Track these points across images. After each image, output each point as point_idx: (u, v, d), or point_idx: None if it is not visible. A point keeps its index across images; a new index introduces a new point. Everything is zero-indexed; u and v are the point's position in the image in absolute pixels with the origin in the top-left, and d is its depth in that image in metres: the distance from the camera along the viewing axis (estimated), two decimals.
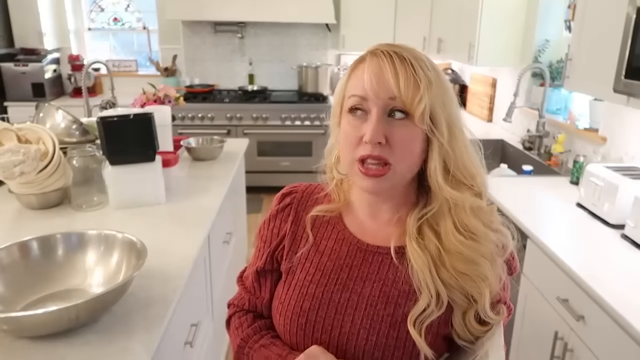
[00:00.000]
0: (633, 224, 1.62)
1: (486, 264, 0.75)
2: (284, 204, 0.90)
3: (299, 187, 0.92)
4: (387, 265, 0.80)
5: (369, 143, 0.72)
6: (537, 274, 1.75)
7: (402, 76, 0.71)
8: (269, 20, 4.37)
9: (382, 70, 0.72)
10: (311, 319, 0.80)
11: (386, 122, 0.73)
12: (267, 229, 0.90)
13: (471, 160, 0.77)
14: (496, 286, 0.77)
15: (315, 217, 0.86)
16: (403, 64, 0.71)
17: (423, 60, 0.73)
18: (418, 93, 0.70)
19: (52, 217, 1.65)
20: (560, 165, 2.55)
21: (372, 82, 0.72)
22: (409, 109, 0.71)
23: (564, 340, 1.53)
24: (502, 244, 0.79)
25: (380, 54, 0.73)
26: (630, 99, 1.67)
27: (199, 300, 1.65)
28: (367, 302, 0.79)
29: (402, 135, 0.73)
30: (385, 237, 0.82)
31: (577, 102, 2.76)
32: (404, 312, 0.77)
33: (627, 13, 1.62)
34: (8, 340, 1.02)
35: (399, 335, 0.76)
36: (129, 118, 1.63)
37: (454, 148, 0.75)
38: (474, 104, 3.93)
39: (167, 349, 1.19)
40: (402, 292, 0.78)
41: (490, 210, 0.80)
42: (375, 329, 0.77)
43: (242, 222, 2.88)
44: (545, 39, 2.99)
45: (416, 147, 0.74)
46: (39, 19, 4.12)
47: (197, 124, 4.22)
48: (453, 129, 0.74)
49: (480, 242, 0.76)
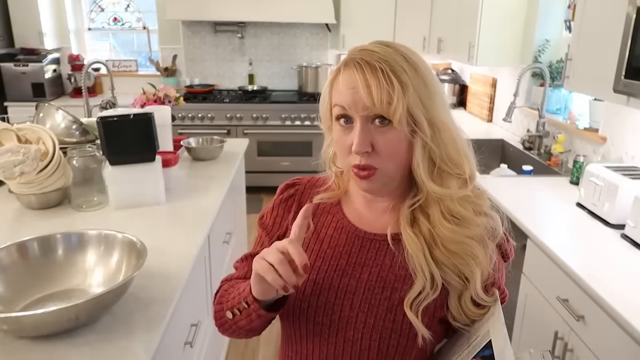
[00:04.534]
0: (633, 224, 1.62)
1: (474, 244, 0.78)
2: (287, 195, 0.93)
3: (302, 179, 0.95)
4: (384, 251, 0.84)
5: (357, 153, 0.76)
6: (537, 274, 1.75)
7: (373, 87, 0.72)
8: (269, 20, 4.38)
9: (355, 83, 0.74)
10: (312, 304, 0.83)
11: (371, 129, 0.76)
12: (269, 218, 0.93)
13: (457, 149, 0.79)
14: (487, 267, 0.80)
15: (317, 206, 0.89)
16: (374, 74, 0.73)
17: (396, 62, 0.74)
18: (392, 100, 0.72)
19: (52, 217, 1.65)
20: (560, 165, 2.55)
21: (348, 96, 0.75)
22: (387, 116, 0.74)
23: (564, 340, 1.53)
24: (491, 227, 0.82)
25: (352, 66, 0.75)
26: (630, 99, 1.67)
27: (199, 300, 1.65)
28: (365, 287, 0.82)
29: (386, 142, 0.76)
30: (381, 225, 0.85)
31: (577, 102, 2.76)
32: (401, 295, 0.81)
33: (627, 13, 1.62)
34: (8, 340, 1.02)
35: (395, 318, 0.80)
36: (129, 118, 1.63)
37: (438, 142, 0.77)
38: (474, 104, 3.93)
39: (167, 349, 1.19)
40: (399, 276, 0.82)
41: (478, 195, 0.82)
42: (373, 313, 0.81)
43: (242, 222, 2.88)
44: (545, 39, 2.99)
45: (401, 149, 0.77)
46: (39, 19, 4.12)
47: (197, 124, 4.22)
48: (436, 124, 0.76)
49: (468, 226, 0.79)
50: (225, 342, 2.26)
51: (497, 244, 0.83)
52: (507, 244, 0.86)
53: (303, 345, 0.87)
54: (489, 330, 0.79)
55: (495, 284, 0.85)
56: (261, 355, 2.46)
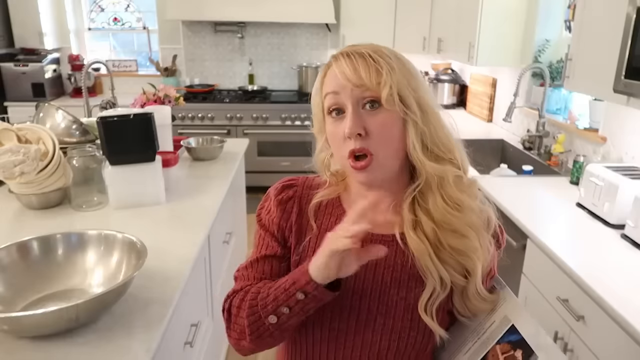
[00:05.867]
0: (633, 224, 1.62)
1: (473, 235, 0.79)
2: (286, 196, 0.90)
3: (298, 180, 0.93)
4: (394, 251, 0.83)
5: (349, 136, 0.77)
6: (537, 274, 1.75)
7: (362, 67, 0.76)
8: (269, 20, 4.38)
9: (345, 67, 0.77)
10: (327, 310, 0.82)
11: (363, 114, 0.77)
12: (269, 219, 0.90)
13: (447, 135, 0.81)
14: (486, 258, 0.81)
15: (318, 206, 0.88)
16: (362, 58, 0.77)
17: (383, 52, 0.78)
18: (380, 78, 0.75)
19: (52, 217, 1.65)
20: (560, 165, 2.55)
21: (338, 81, 0.77)
22: (376, 95, 0.76)
23: (564, 340, 1.53)
24: (486, 216, 0.83)
25: (340, 57, 0.79)
26: (630, 99, 1.66)
27: (198, 300, 1.65)
28: (380, 289, 0.82)
29: (378, 123, 0.77)
30: (387, 225, 0.84)
31: (577, 102, 2.76)
32: (416, 294, 0.81)
33: (627, 13, 1.62)
34: (8, 340, 1.02)
35: (412, 317, 0.81)
36: (129, 118, 1.63)
37: (428, 125, 0.79)
38: (474, 104, 3.93)
39: (167, 349, 1.19)
40: (412, 275, 0.82)
41: (470, 184, 0.84)
42: (391, 314, 0.82)
43: (242, 222, 2.88)
44: (545, 39, 2.99)
45: (394, 131, 0.78)
46: (39, 19, 4.12)
47: (197, 124, 4.22)
48: (425, 108, 0.78)
49: (465, 212, 0.80)
50: (225, 342, 2.26)
51: (491, 234, 0.84)
52: (501, 235, 0.88)
53: (315, 351, 0.85)
54: (506, 315, 0.80)
55: (491, 273, 0.87)
56: (261, 355, 2.46)
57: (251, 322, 0.80)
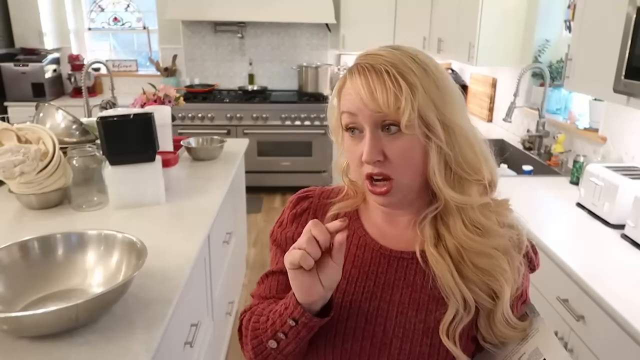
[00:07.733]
0: (633, 224, 1.62)
1: (500, 256, 0.74)
2: (300, 209, 0.87)
3: (314, 190, 0.89)
4: (414, 270, 0.78)
5: (367, 163, 0.72)
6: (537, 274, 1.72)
7: (378, 91, 0.68)
8: (269, 20, 4.38)
9: (361, 89, 0.70)
10: (340, 330, 0.77)
11: (382, 137, 0.71)
12: (281, 234, 0.86)
13: (475, 153, 0.74)
14: (516, 281, 0.76)
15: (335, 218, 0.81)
16: (379, 78, 0.69)
17: (404, 63, 0.70)
18: (400, 103, 0.68)
19: (52, 217, 1.65)
20: (560, 165, 2.55)
21: (354, 103, 0.71)
22: (396, 119, 0.69)
23: (564, 340, 1.53)
24: (516, 238, 0.77)
25: (356, 72, 0.71)
26: (630, 99, 1.66)
27: (198, 300, 1.65)
28: (397, 310, 0.77)
29: (398, 149, 0.71)
30: (407, 242, 0.79)
31: (577, 102, 2.76)
32: (436, 317, 0.75)
33: (627, 13, 1.62)
34: (8, 340, 1.02)
35: (432, 342, 0.75)
36: (129, 118, 1.63)
37: (454, 146, 0.72)
38: (474, 104, 3.93)
39: (167, 349, 1.19)
40: (432, 297, 0.76)
41: (500, 204, 0.78)
42: (409, 338, 0.75)
43: (242, 222, 2.88)
44: (545, 39, 2.99)
45: (415, 156, 0.72)
46: (39, 19, 4.12)
47: (197, 124, 4.22)
48: (451, 127, 0.72)
49: (489, 237, 0.74)
50: (225, 342, 2.26)
51: (523, 254, 0.78)
52: (535, 256, 0.82)
53: None
54: (537, 348, 0.74)
55: (522, 297, 0.81)
56: None
57: (254, 345, 0.78)
